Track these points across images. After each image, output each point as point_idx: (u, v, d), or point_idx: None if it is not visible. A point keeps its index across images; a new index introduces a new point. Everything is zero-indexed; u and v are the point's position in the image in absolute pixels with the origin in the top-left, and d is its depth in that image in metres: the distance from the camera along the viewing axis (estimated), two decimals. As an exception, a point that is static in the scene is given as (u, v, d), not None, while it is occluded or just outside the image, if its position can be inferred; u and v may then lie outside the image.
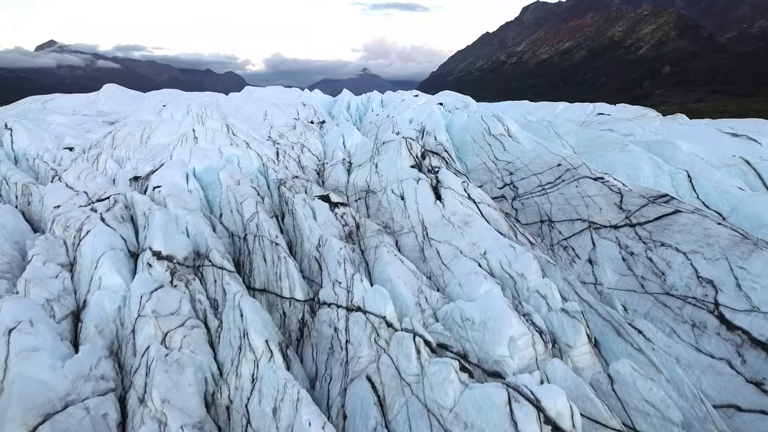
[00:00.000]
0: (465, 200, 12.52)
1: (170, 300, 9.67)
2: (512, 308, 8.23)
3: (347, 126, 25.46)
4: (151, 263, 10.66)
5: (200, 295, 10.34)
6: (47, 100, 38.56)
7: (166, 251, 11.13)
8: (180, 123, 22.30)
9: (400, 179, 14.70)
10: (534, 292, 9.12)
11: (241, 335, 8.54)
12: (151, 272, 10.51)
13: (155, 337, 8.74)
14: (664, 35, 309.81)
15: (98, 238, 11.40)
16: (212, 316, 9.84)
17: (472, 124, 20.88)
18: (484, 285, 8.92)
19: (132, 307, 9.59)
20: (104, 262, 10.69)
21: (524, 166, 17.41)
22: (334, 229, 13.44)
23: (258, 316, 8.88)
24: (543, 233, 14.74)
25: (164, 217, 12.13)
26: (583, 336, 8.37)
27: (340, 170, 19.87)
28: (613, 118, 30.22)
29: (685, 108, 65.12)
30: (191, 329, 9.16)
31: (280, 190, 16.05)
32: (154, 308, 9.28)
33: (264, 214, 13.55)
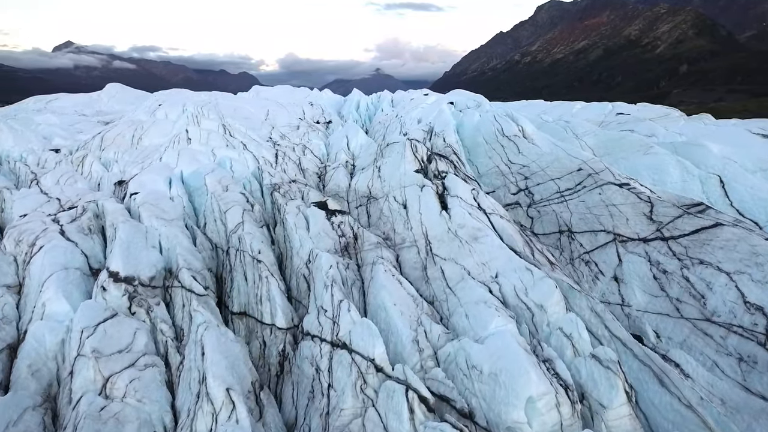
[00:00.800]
0: (474, 210, 11.01)
1: (121, 333, 8.14)
2: (529, 352, 6.69)
3: (352, 126, 24.04)
4: (106, 286, 9.16)
5: (163, 324, 8.84)
6: (51, 100, 37.80)
7: (126, 271, 9.65)
8: (174, 123, 21.03)
9: (403, 185, 13.24)
10: (556, 330, 7.55)
11: (200, 379, 7.07)
12: (105, 297, 9.01)
13: (93, 383, 7.23)
14: (682, 34, 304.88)
15: (49, 256, 9.94)
16: (174, 351, 8.33)
17: (485, 124, 19.39)
18: (496, 320, 7.39)
19: (72, 343, 8.01)
20: (50, 284, 9.18)
21: (541, 171, 15.91)
22: (329, 240, 12.01)
23: (222, 356, 7.39)
24: (562, 245, 13.24)
25: (129, 231, 10.69)
26: (621, 394, 6.79)
27: (341, 174, 18.46)
28: (633, 117, 28.63)
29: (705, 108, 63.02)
30: (144, 369, 7.66)
31: (273, 196, 14.66)
32: (96, 346, 7.73)
33: (251, 225, 12.15)
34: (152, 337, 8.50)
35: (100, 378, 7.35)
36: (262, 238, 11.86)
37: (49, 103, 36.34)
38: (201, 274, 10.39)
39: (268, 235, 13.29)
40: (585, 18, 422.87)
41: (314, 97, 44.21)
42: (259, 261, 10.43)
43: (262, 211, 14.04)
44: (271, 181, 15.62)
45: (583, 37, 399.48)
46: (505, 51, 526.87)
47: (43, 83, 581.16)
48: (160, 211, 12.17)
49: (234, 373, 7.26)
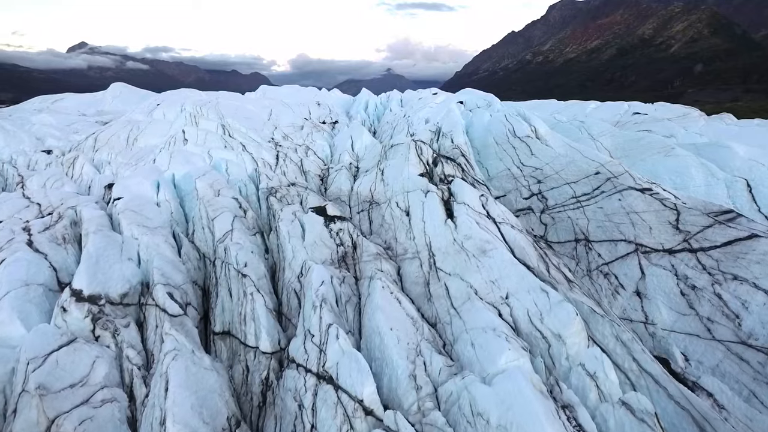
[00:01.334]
0: (483, 219, 9.97)
1: (77, 363, 7.04)
2: (546, 396, 5.63)
3: (356, 127, 23.08)
4: (67, 307, 8.08)
5: (130, 349, 7.74)
6: (57, 100, 37.32)
7: (92, 289, 8.57)
8: (172, 123, 20.18)
9: (406, 190, 12.25)
10: (577, 366, 6.47)
11: (162, 419, 6.08)
12: (66, 319, 7.93)
13: (36, 426, 6.16)
14: (697, 33, 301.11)
15: (9, 270, 8.88)
16: (140, 381, 7.23)
17: (495, 124, 18.39)
18: (506, 353, 6.34)
19: (18, 376, 6.93)
20: (5, 304, 8.10)
21: (555, 174, 14.91)
22: (326, 250, 11.06)
23: (190, 391, 6.36)
24: (578, 255, 12.22)
25: (100, 242, 9.67)
26: (660, 457, 5.61)
27: (343, 177, 17.51)
28: (650, 117, 27.54)
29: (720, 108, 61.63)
30: (99, 407, 6.59)
31: (268, 201, 13.73)
32: (43, 380, 6.64)
33: (241, 234, 11.20)
34: (117, 364, 7.48)
35: (44, 420, 6.22)
36: (252, 247, 10.90)
37: (54, 103, 35.83)
38: (181, 290, 9.39)
39: (261, 244, 12.37)
40: (598, 17, 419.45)
41: (322, 97, 43.40)
42: (244, 275, 9.43)
43: (256, 217, 13.10)
44: (267, 185, 14.69)
45: (596, 37, 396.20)
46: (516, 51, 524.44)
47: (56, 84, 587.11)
48: (142, 218, 11.25)
49: (204, 412, 6.26)
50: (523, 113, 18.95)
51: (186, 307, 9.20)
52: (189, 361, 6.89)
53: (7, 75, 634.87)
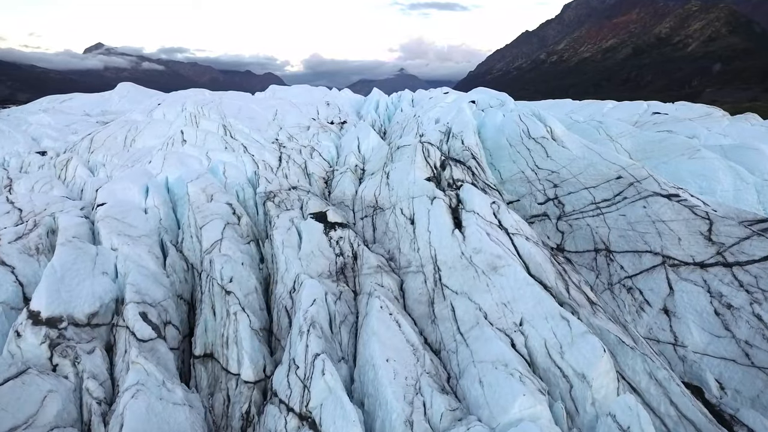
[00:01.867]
0: (494, 230, 8.99)
1: (23, 399, 5.98)
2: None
3: (363, 127, 22.18)
4: (22, 331, 7.08)
5: (91, 380, 6.70)
6: (65, 99, 36.91)
7: (52, 310, 7.53)
8: (171, 124, 19.41)
9: (411, 196, 11.31)
10: (605, 417, 5.35)
11: (113, 472, 5.20)
12: (20, 345, 6.95)
13: None
14: (715, 31, 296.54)
15: None
16: (99, 420, 6.22)
17: (509, 124, 17.40)
18: (520, 399, 5.31)
19: None
20: None
21: (572, 177, 13.92)
22: (323, 261, 10.16)
23: None
24: (598, 267, 11.23)
25: (68, 256, 8.65)
26: None
27: (347, 180, 16.61)
28: (671, 117, 26.43)
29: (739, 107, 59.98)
30: None
31: (265, 206, 12.85)
32: None
33: (231, 243, 10.31)
34: (76, 398, 6.51)
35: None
36: (243, 258, 10.02)
37: (61, 103, 35.36)
38: (160, 307, 8.48)
39: (256, 253, 11.49)
40: (613, 16, 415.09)
41: (332, 97, 42.62)
42: (228, 292, 8.52)
43: (252, 224, 12.24)
44: (266, 189, 13.82)
45: (612, 36, 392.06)
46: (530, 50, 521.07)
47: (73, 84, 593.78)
48: (125, 227, 10.39)
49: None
50: (538, 113, 17.98)
51: (165, 326, 8.31)
52: (154, 397, 5.98)
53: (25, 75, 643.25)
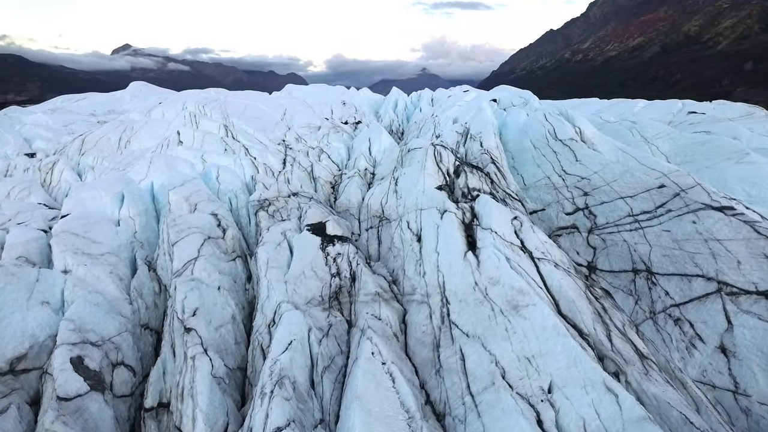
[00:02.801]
0: (516, 254, 7.42)
1: None
2: None
3: (375, 127, 20.73)
4: None
5: None
6: (78, 99, 36.32)
7: None
8: (170, 124, 18.22)
9: (419, 207, 9.83)
10: None
11: None
12: None
13: None
14: (746, 29, 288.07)
15: None
16: None
17: (533, 125, 15.82)
18: None
19: None
20: None
21: (605, 185, 12.34)
22: (315, 284, 8.73)
23: None
24: (638, 290, 9.63)
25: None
26: None
27: (354, 185, 15.20)
28: (709, 117, 24.42)
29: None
30: None
31: (257, 216, 11.48)
32: None
33: (209, 263, 8.94)
34: None
35: None
36: (221, 281, 8.64)
37: (72, 102, 34.72)
38: (109, 345, 7.02)
39: (243, 271, 10.11)
40: (641, 14, 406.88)
41: (349, 96, 41.40)
42: (188, 329, 7.12)
43: (240, 237, 10.87)
44: (260, 196, 12.45)
45: (639, 34, 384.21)
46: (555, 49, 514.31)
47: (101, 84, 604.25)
48: (85, 243, 9.03)
49: None
50: (565, 112, 16.38)
51: (114, 369, 6.91)
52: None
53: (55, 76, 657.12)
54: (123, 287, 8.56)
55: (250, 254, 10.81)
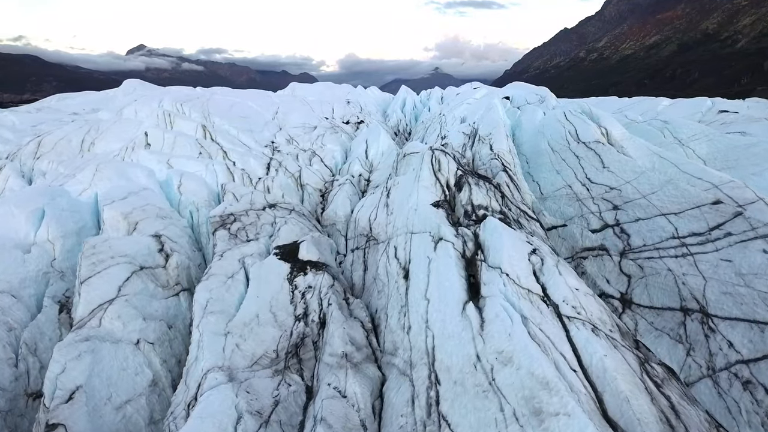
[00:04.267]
0: (535, 310, 5.16)
1: None
2: None
3: (374, 127, 18.65)
4: None
5: None
6: (69, 97, 34.89)
7: None
8: (141, 124, 16.29)
9: (410, 230, 7.72)
10: None
11: None
12: None
13: None
14: (766, 27, 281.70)
15: None
16: None
17: (551, 125, 13.70)
18: None
19: None
20: None
21: (641, 198, 10.21)
22: (272, 333, 6.68)
23: None
24: (689, 336, 7.56)
25: None
26: None
27: (343, 195, 13.16)
28: (743, 116, 22.17)
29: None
30: None
31: (215, 236, 9.42)
32: None
33: (128, 305, 6.88)
34: None
35: None
36: (142, 332, 6.58)
37: (62, 101, 33.16)
38: None
39: (187, 309, 8.05)
40: (657, 12, 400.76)
41: (355, 95, 39.47)
42: (53, 427, 5.08)
43: (188, 265, 8.79)
44: (225, 210, 10.39)
45: (655, 32, 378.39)
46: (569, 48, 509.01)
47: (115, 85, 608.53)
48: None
49: None
50: (588, 110, 14.27)
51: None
52: None
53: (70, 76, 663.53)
54: (11, 340, 6.54)
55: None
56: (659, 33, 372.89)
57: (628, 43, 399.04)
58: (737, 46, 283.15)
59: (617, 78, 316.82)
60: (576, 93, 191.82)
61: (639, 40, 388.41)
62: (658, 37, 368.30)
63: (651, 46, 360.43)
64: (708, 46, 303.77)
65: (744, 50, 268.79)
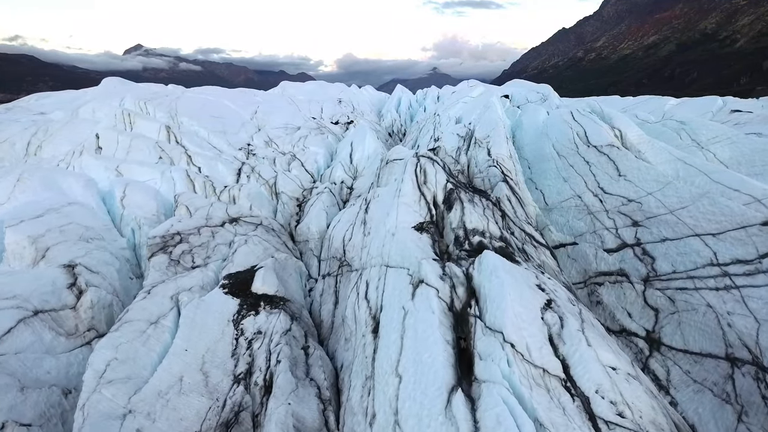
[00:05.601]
0: (556, 407, 3.40)
1: None
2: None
3: (360, 129, 16.96)
4: None
5: None
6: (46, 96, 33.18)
7: None
8: (97, 124, 14.55)
9: (385, 261, 6.02)
10: None
11: None
12: None
13: None
14: (765, 26, 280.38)
15: None
16: None
17: (556, 126, 12.07)
18: None
19: None
20: None
21: (668, 214, 8.59)
22: (196, 405, 5.01)
23: None
24: (739, 395, 5.93)
25: None
26: None
27: (318, 207, 11.47)
28: (759, 116, 20.61)
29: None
30: None
31: (150, 263, 7.70)
32: None
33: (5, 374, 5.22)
34: None
35: None
36: (21, 407, 4.92)
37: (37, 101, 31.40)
38: None
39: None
40: (655, 11, 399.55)
41: (349, 94, 37.82)
42: None
43: (108, 303, 7.08)
44: (169, 229, 8.67)
45: (654, 32, 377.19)
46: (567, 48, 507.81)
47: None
48: None
49: None
50: (599, 109, 12.63)
51: None
52: None
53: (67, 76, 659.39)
54: None
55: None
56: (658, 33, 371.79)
57: (626, 42, 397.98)
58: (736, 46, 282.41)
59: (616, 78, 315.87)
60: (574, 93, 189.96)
61: (637, 39, 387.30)
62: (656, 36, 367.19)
63: (649, 45, 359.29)
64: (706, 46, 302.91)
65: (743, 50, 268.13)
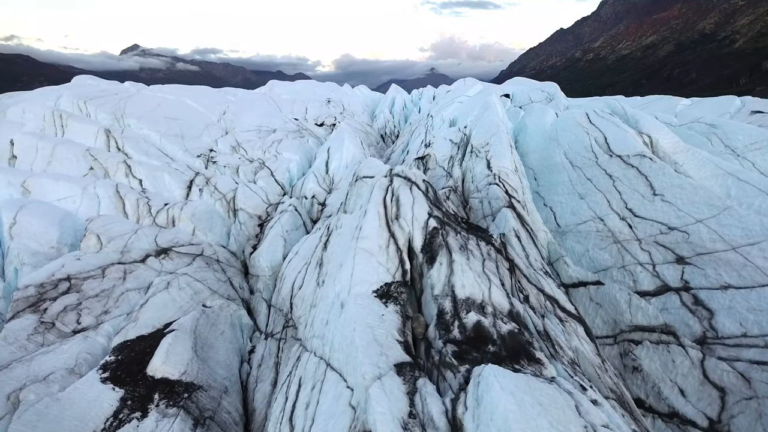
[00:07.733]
0: None
1: None
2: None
3: (340, 132, 14.73)
4: None
5: None
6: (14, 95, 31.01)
7: None
8: (23, 127, 12.26)
9: (326, 356, 3.77)
10: None
11: None
12: None
13: None
14: (764, 26, 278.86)
15: None
16: None
17: (568, 130, 9.86)
18: None
19: None
20: None
21: (729, 251, 6.37)
22: None
23: None
24: None
25: None
26: None
27: (274, 234, 9.26)
28: (783, 118, 18.30)
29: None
30: None
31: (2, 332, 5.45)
32: None
33: None
34: None
35: None
36: None
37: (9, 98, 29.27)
38: None
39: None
40: (654, 12, 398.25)
41: (339, 93, 35.66)
42: None
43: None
44: (51, 275, 6.41)
45: (652, 32, 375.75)
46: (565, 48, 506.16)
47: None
48: None
49: None
50: (622, 111, 10.44)
51: None
52: None
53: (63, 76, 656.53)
54: None
55: None
56: (656, 33, 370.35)
57: (624, 43, 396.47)
58: (735, 46, 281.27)
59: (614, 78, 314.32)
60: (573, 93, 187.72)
61: (635, 40, 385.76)
62: (654, 37, 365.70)
63: (648, 46, 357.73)
64: (705, 46, 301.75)
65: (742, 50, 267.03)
